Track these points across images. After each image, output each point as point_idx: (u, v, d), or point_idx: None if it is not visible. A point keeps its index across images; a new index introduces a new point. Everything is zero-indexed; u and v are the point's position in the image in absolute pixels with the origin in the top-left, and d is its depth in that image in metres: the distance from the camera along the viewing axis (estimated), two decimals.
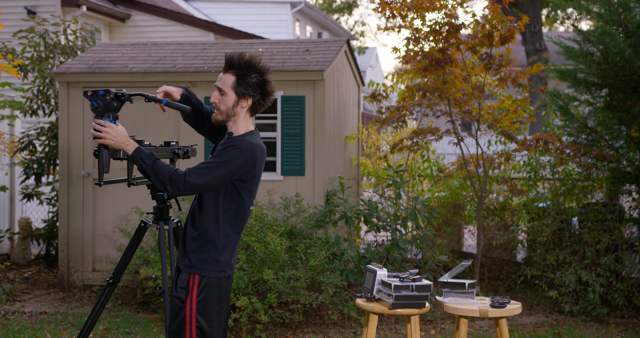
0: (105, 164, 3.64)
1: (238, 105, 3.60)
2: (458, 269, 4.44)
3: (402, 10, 7.47)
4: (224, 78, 3.60)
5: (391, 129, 8.75)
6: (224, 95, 3.58)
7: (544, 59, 18.13)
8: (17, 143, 9.05)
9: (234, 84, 3.57)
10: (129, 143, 3.54)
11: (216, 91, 3.61)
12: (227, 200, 3.58)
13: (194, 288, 3.57)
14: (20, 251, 9.26)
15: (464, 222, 9.03)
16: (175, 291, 3.63)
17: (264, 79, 3.61)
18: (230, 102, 3.59)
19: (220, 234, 3.59)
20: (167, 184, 3.46)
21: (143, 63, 7.83)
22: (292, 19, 20.63)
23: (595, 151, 7.32)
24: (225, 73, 3.60)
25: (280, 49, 7.99)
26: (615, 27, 7.42)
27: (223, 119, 3.63)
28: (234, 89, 3.57)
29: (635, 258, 7.37)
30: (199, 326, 3.58)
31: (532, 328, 6.73)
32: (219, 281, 3.61)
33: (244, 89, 3.57)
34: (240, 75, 3.57)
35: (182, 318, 3.58)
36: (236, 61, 3.58)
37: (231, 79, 3.58)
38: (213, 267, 3.59)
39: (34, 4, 14.57)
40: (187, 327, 3.57)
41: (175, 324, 3.61)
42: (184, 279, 3.60)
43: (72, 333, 6.30)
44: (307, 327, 6.58)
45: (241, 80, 3.57)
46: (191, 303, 3.57)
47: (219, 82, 3.60)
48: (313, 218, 6.88)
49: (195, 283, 3.57)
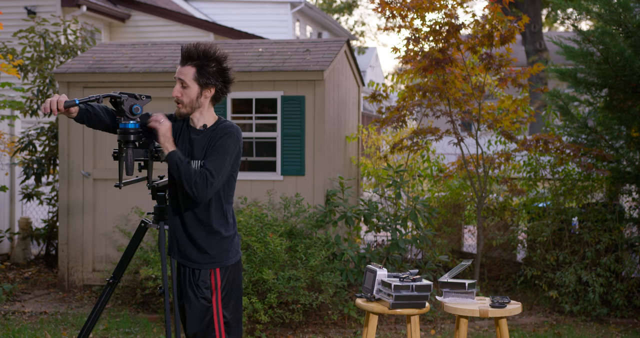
0: (130, 165, 3.68)
1: (202, 96, 3.67)
2: (458, 269, 4.44)
3: (402, 10, 7.47)
4: (184, 71, 3.65)
5: (391, 129, 8.75)
6: (186, 87, 3.65)
7: (544, 59, 18.13)
8: (17, 143, 9.05)
9: (195, 75, 3.64)
10: (171, 140, 3.63)
11: (177, 85, 3.67)
12: (228, 184, 3.71)
13: (218, 284, 3.67)
14: (20, 251, 9.27)
15: (464, 222, 9.03)
16: (200, 293, 3.67)
17: (224, 67, 3.70)
18: (194, 93, 3.65)
19: (227, 221, 3.72)
20: (193, 187, 3.53)
21: (143, 63, 7.83)
22: (292, 19, 20.63)
23: (595, 151, 7.32)
24: (185, 65, 3.66)
25: (280, 49, 7.99)
26: (615, 27, 7.42)
27: (188, 112, 3.69)
28: (196, 80, 3.64)
29: (635, 258, 7.37)
30: (226, 321, 3.70)
31: (532, 328, 6.73)
32: (235, 267, 3.74)
33: (206, 78, 3.65)
34: (200, 66, 3.64)
35: (210, 318, 3.66)
36: (194, 52, 3.64)
37: (192, 70, 3.64)
38: (230, 254, 3.72)
39: (34, 4, 14.57)
40: (215, 325, 3.66)
41: (204, 324, 3.67)
42: (206, 279, 3.67)
43: (72, 333, 6.30)
44: (307, 327, 6.58)
45: (202, 71, 3.64)
46: (217, 301, 3.67)
47: (179, 75, 3.66)
48: (313, 218, 6.88)
49: (218, 277, 3.67)
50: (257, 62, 7.56)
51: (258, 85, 7.36)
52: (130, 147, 3.69)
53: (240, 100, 7.44)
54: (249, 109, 7.41)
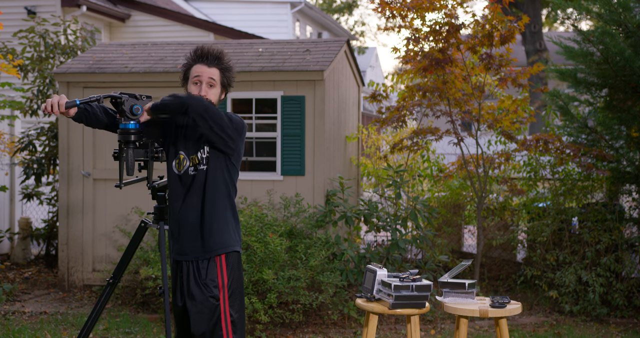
0: (130, 166, 3.70)
1: (220, 98, 3.85)
2: (458, 269, 4.44)
3: (402, 10, 7.47)
4: (212, 71, 3.79)
5: (391, 129, 8.75)
6: (214, 87, 3.79)
7: (544, 59, 18.12)
8: (17, 143, 9.05)
9: (220, 76, 3.81)
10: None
11: (203, 85, 3.76)
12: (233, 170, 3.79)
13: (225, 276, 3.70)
14: (20, 251, 9.27)
15: (464, 222, 9.03)
16: (209, 291, 3.68)
17: (233, 75, 3.90)
18: (218, 94, 3.81)
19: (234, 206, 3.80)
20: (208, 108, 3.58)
21: (143, 63, 7.83)
22: (292, 19, 20.62)
23: (595, 151, 7.32)
24: (211, 67, 3.79)
25: (280, 49, 7.99)
26: (615, 27, 7.42)
27: None
28: (221, 82, 3.82)
29: (635, 258, 7.37)
30: (232, 320, 3.72)
31: (532, 328, 6.73)
32: (237, 256, 3.78)
33: (228, 82, 3.85)
34: (224, 69, 3.83)
35: (218, 316, 3.68)
36: (219, 55, 3.82)
37: (217, 72, 3.80)
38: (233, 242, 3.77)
39: (34, 4, 14.57)
40: (222, 324, 3.68)
41: (212, 323, 3.69)
42: (213, 277, 3.69)
43: (72, 333, 6.30)
44: (307, 327, 6.58)
45: (226, 74, 3.83)
46: (224, 299, 3.70)
47: (210, 75, 3.77)
48: (313, 218, 6.88)
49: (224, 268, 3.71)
50: (257, 62, 7.56)
51: (258, 85, 7.36)
52: (131, 147, 3.70)
53: (240, 100, 7.44)
54: (249, 108, 7.41)
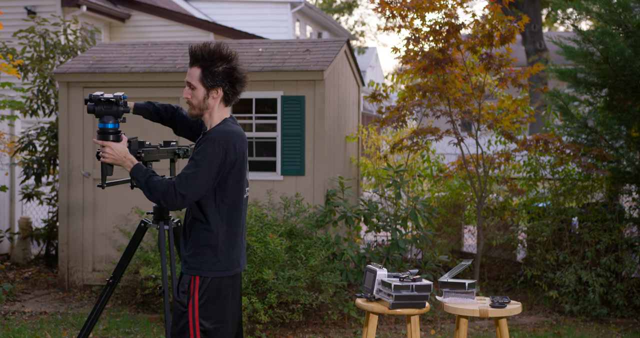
0: (108, 166, 3.68)
1: (209, 98, 3.61)
2: (458, 269, 4.44)
3: (402, 10, 7.47)
4: (191, 72, 3.62)
5: (391, 129, 8.75)
6: (194, 89, 3.61)
7: (544, 59, 18.12)
8: (17, 143, 9.05)
9: (200, 76, 3.58)
10: (127, 160, 3.60)
11: (187, 86, 3.64)
12: (219, 192, 3.57)
13: (195, 292, 3.53)
14: (20, 251, 9.26)
15: (464, 222, 9.03)
16: (177, 295, 3.59)
17: (231, 67, 3.60)
18: (201, 95, 3.60)
19: (218, 231, 3.56)
20: (162, 200, 3.49)
21: (143, 63, 7.83)
22: (292, 19, 20.62)
23: (595, 151, 7.32)
24: (192, 67, 3.62)
25: (280, 49, 7.99)
26: (615, 27, 7.42)
27: (198, 113, 3.66)
28: (201, 82, 3.59)
29: (635, 258, 7.37)
30: (204, 329, 3.54)
31: (532, 328, 6.73)
32: (219, 281, 3.56)
33: (211, 80, 3.58)
34: (205, 67, 3.58)
35: (185, 323, 3.54)
36: (199, 53, 3.59)
37: (197, 71, 3.59)
38: (214, 267, 3.55)
39: (34, 4, 14.57)
40: (190, 331, 3.53)
41: (178, 329, 3.57)
42: (185, 283, 3.57)
43: (72, 333, 6.30)
44: (307, 327, 6.58)
45: (207, 72, 3.57)
46: (193, 308, 3.53)
47: (187, 77, 3.63)
48: (313, 218, 6.88)
49: (197, 286, 3.54)
50: (257, 62, 7.56)
51: (258, 85, 7.36)
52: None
53: (240, 100, 7.37)
54: (249, 108, 7.41)
